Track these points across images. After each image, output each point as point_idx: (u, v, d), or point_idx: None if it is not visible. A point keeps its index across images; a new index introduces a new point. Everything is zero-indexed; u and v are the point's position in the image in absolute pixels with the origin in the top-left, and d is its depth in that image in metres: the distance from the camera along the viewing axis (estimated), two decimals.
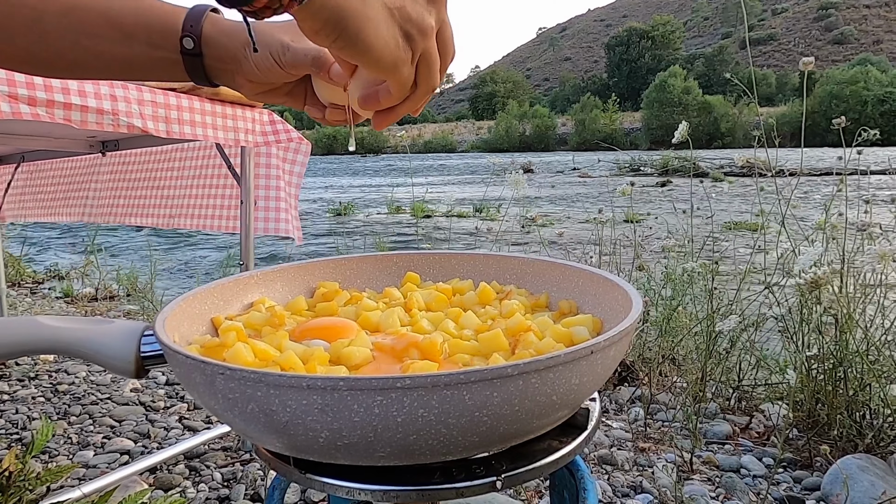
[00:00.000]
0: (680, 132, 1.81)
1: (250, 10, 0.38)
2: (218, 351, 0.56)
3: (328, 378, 0.41)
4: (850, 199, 1.88)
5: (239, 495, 1.57)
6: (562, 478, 0.64)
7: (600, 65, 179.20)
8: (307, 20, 0.40)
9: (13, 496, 0.98)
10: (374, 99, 0.50)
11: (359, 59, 0.44)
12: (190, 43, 0.53)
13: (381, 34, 0.42)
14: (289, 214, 1.97)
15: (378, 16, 0.42)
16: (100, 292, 3.99)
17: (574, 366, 0.45)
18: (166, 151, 2.23)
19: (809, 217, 2.63)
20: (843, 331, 1.65)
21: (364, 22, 0.41)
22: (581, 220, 7.81)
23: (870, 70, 57.45)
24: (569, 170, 22.05)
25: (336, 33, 0.41)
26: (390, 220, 9.32)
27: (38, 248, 6.50)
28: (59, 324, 0.59)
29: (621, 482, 1.63)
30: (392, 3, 0.42)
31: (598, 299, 0.66)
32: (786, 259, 1.90)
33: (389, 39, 0.43)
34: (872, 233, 1.80)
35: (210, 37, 0.54)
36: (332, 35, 0.41)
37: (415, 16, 0.44)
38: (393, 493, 0.47)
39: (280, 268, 0.76)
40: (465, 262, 0.81)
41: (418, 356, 0.55)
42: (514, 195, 2.32)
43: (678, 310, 2.19)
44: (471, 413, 0.42)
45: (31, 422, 2.00)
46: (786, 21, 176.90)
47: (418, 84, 0.48)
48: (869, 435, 1.62)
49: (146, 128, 1.31)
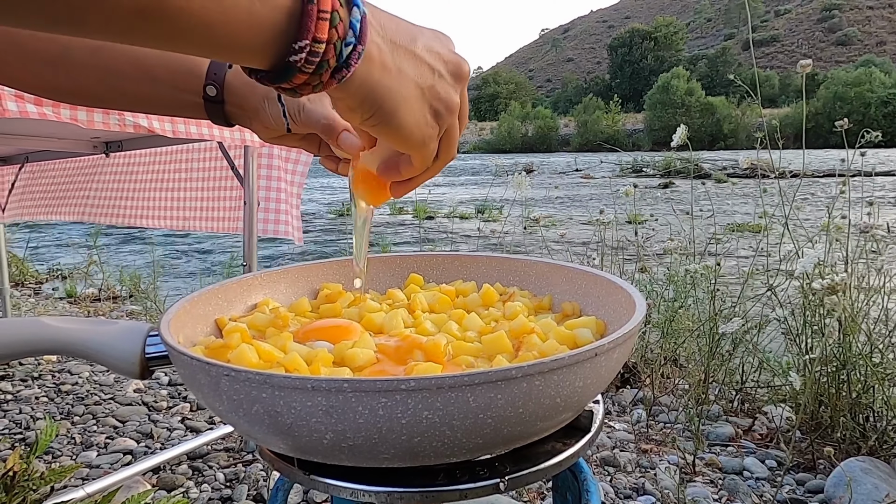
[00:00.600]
0: (679, 136, 1.80)
1: (289, 87, 0.37)
2: (222, 352, 0.56)
3: (333, 380, 0.41)
4: (854, 201, 1.88)
5: (241, 496, 1.57)
6: (565, 479, 0.64)
7: (603, 66, 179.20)
8: (344, 99, 0.40)
9: (17, 496, 0.98)
10: (395, 170, 0.50)
11: (389, 137, 0.44)
12: (213, 90, 0.56)
13: (413, 113, 0.42)
14: (289, 216, 1.98)
15: (411, 95, 0.42)
16: (103, 293, 4.00)
17: (578, 368, 0.45)
18: (169, 152, 2.23)
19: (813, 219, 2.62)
20: (846, 333, 1.64)
21: (399, 102, 0.41)
22: (583, 221, 7.80)
23: (873, 71, 57.35)
24: (571, 171, 22.04)
25: (371, 112, 0.41)
26: (393, 221, 9.33)
27: (41, 248, 6.51)
28: (63, 324, 0.59)
29: (624, 484, 1.63)
30: (423, 83, 0.42)
31: (602, 301, 0.66)
32: (789, 261, 1.89)
33: (420, 118, 0.43)
34: (875, 234, 1.80)
35: (232, 86, 0.56)
36: (367, 114, 0.41)
37: (443, 94, 0.44)
38: (397, 494, 0.47)
39: (283, 269, 0.76)
40: (469, 263, 0.81)
41: (422, 358, 0.55)
42: (517, 196, 2.32)
43: (680, 311, 2.19)
44: (475, 415, 0.42)
45: (34, 422, 2.01)
46: (789, 22, 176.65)
47: (439, 156, 0.48)
48: (872, 437, 1.62)
49: (152, 127, 1.31)
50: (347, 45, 0.36)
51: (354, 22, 0.36)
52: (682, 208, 2.94)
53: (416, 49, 0.42)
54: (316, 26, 0.34)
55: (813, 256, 1.30)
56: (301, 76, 0.36)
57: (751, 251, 2.06)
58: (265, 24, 0.33)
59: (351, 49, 0.36)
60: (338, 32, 0.35)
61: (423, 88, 0.43)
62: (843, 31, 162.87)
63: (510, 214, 3.20)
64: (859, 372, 1.66)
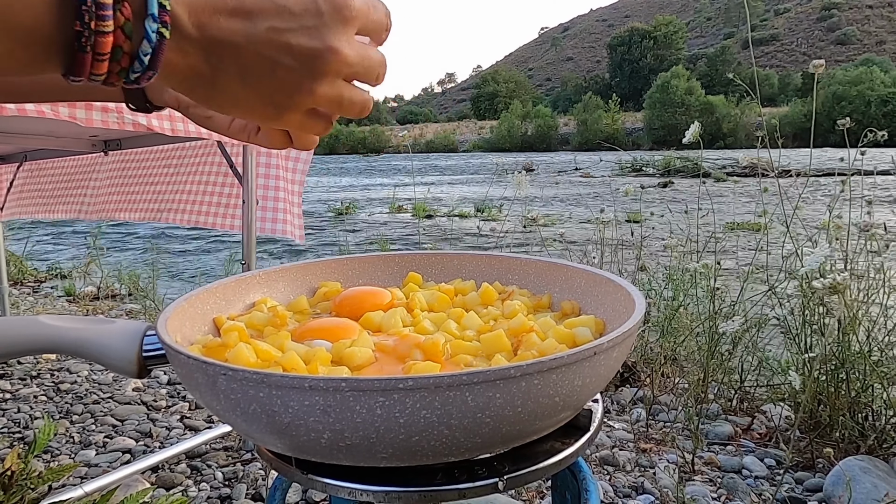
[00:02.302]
0: (691, 132, 1.79)
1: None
2: (220, 351, 0.56)
3: (330, 379, 0.41)
4: (854, 200, 1.88)
5: (240, 494, 1.57)
6: (564, 479, 0.63)
7: (602, 65, 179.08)
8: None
9: (15, 495, 0.98)
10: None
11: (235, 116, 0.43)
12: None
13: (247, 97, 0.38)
14: (288, 214, 1.97)
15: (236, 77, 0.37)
16: (102, 291, 4.00)
17: (577, 367, 0.45)
18: (167, 150, 2.23)
19: (813, 217, 2.62)
20: (845, 332, 1.64)
21: (220, 90, 0.38)
22: (583, 220, 7.80)
23: (873, 71, 57.34)
24: (571, 170, 22.04)
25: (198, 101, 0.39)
26: (392, 219, 9.32)
27: (39, 246, 6.51)
28: (61, 323, 0.59)
29: (623, 483, 1.63)
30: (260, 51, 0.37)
31: (601, 300, 0.66)
32: (789, 260, 1.89)
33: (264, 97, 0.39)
34: (875, 234, 1.80)
35: None
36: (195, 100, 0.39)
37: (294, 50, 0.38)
38: (395, 494, 0.47)
39: (282, 267, 0.76)
40: (468, 262, 0.81)
41: (420, 357, 0.55)
42: (517, 195, 2.31)
43: (680, 310, 2.19)
44: (473, 414, 0.42)
45: (33, 421, 2.00)
46: (788, 21, 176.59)
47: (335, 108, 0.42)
48: (871, 436, 1.62)
49: (151, 125, 1.31)
50: (134, 72, 0.33)
51: (143, 55, 0.32)
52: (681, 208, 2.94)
53: (250, 42, 0.35)
54: (92, 66, 0.31)
55: (819, 255, 1.29)
56: (95, 80, 0.33)
57: (750, 250, 2.06)
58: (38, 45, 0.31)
59: (139, 75, 0.33)
60: (120, 65, 0.32)
61: (255, 85, 0.37)
62: (842, 30, 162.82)
63: (510, 213, 3.20)
64: (858, 371, 1.66)
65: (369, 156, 43.15)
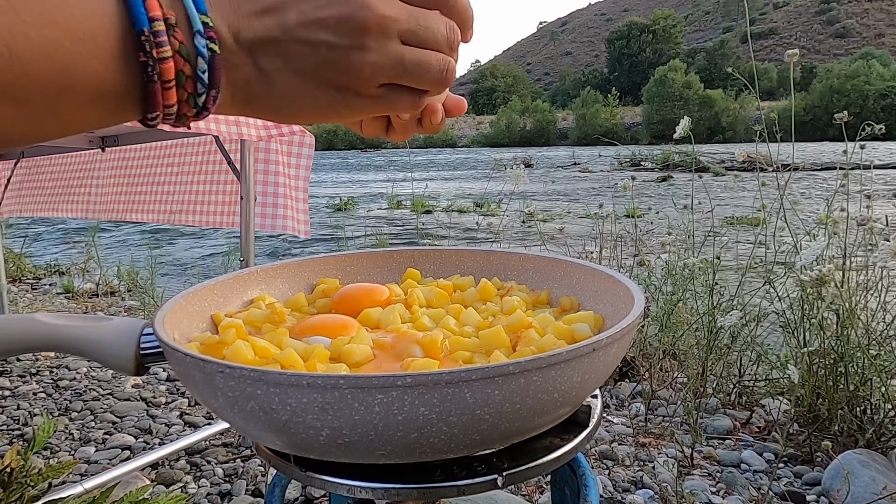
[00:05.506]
0: (682, 127, 1.79)
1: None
2: (218, 348, 0.56)
3: (328, 376, 0.41)
4: (852, 194, 1.88)
5: (240, 491, 1.57)
6: (563, 474, 0.64)
7: (601, 59, 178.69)
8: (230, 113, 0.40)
9: (15, 492, 0.98)
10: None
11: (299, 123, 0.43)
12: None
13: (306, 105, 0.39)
14: (290, 210, 1.96)
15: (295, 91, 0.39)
16: (100, 288, 3.99)
17: (576, 363, 0.45)
18: (165, 147, 2.22)
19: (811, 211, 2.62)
20: (844, 326, 1.65)
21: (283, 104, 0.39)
22: (582, 214, 7.80)
23: (872, 64, 57.27)
24: (570, 164, 22.02)
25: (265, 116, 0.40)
26: (390, 215, 9.31)
27: (38, 243, 6.50)
28: (58, 321, 0.59)
29: (622, 477, 1.63)
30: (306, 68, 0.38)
31: (600, 296, 0.66)
32: (787, 254, 1.89)
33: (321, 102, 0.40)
34: (873, 227, 1.80)
35: None
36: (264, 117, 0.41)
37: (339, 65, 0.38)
38: (394, 491, 0.47)
39: (280, 264, 0.76)
40: (466, 258, 0.81)
41: (419, 354, 0.55)
42: (515, 190, 2.31)
43: (679, 305, 2.19)
44: (472, 411, 0.42)
45: (32, 418, 2.00)
46: (787, 15, 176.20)
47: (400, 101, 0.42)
48: (870, 430, 1.62)
49: None
50: (199, 95, 0.34)
51: (200, 73, 0.34)
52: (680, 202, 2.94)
53: (286, 33, 0.36)
54: (163, 97, 0.33)
55: (815, 249, 1.29)
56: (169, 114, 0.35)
57: (749, 244, 2.06)
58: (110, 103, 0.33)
59: (204, 96, 0.35)
60: (186, 90, 0.34)
61: (308, 74, 0.37)
62: (841, 23, 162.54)
63: (508, 208, 3.20)
64: (857, 364, 1.66)
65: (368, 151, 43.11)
